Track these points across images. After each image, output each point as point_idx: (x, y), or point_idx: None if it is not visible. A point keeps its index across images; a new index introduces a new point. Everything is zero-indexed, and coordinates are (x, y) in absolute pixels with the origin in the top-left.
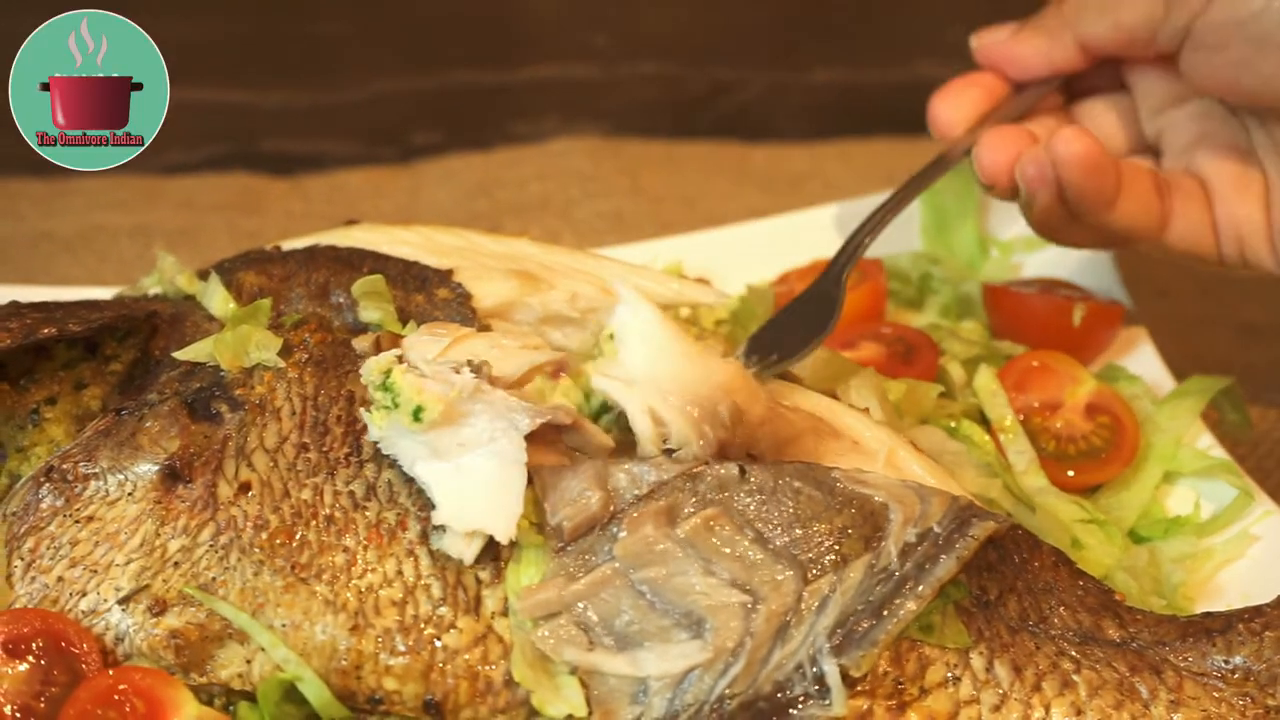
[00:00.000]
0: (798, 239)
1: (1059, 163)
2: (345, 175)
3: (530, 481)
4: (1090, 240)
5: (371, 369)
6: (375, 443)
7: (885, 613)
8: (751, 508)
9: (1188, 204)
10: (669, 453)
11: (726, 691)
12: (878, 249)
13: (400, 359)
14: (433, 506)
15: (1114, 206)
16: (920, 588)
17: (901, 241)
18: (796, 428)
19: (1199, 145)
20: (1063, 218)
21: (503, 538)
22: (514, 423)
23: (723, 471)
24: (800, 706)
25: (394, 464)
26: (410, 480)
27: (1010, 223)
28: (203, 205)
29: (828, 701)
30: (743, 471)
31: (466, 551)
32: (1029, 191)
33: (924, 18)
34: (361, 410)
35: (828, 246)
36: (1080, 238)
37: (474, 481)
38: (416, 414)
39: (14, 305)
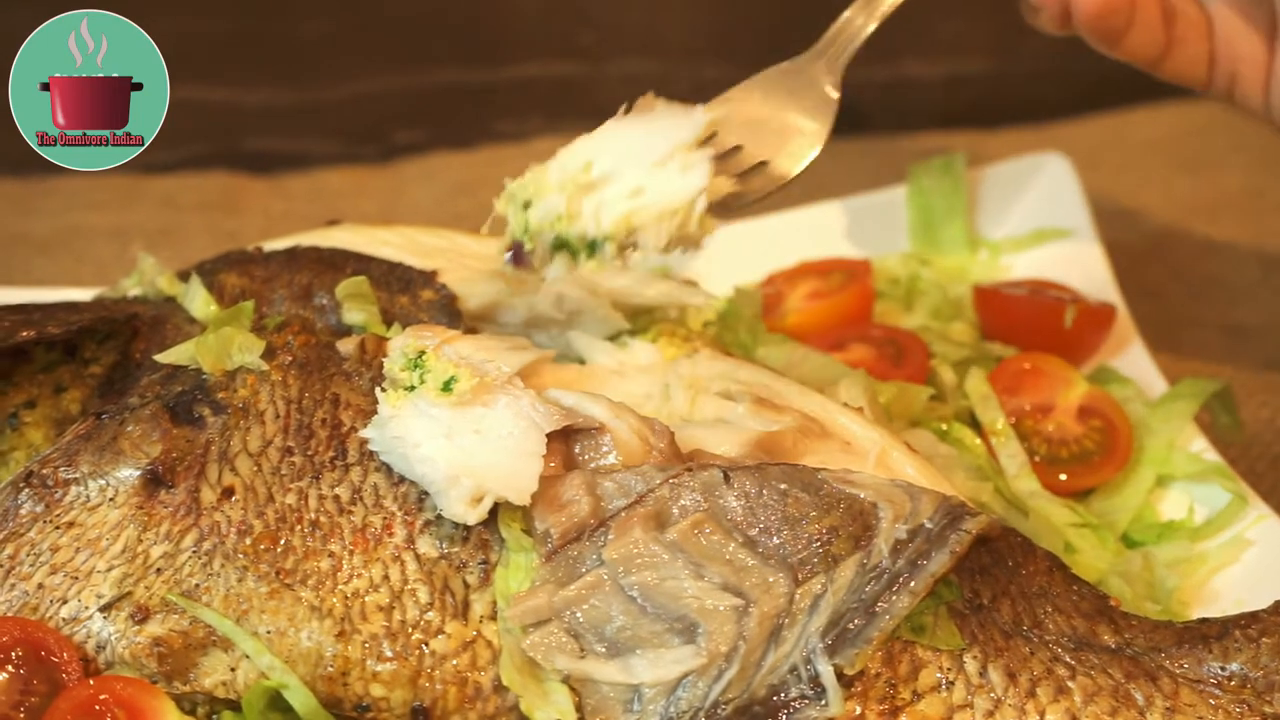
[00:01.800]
0: (785, 240)
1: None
2: (326, 174)
3: None
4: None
5: (406, 346)
6: (362, 444)
7: (878, 609)
8: (739, 511)
9: (1189, 34)
10: None
11: (721, 697)
12: (865, 250)
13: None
14: (420, 509)
15: (1120, 44)
16: (913, 583)
17: (889, 242)
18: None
19: None
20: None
21: (519, 499)
22: (537, 420)
23: (706, 476)
24: (795, 708)
25: (380, 467)
26: (397, 483)
27: (999, 223)
28: (182, 205)
29: (824, 702)
30: (726, 476)
31: (471, 514)
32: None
33: (912, 16)
34: (377, 390)
35: (815, 247)
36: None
37: (487, 454)
38: (447, 384)
39: None
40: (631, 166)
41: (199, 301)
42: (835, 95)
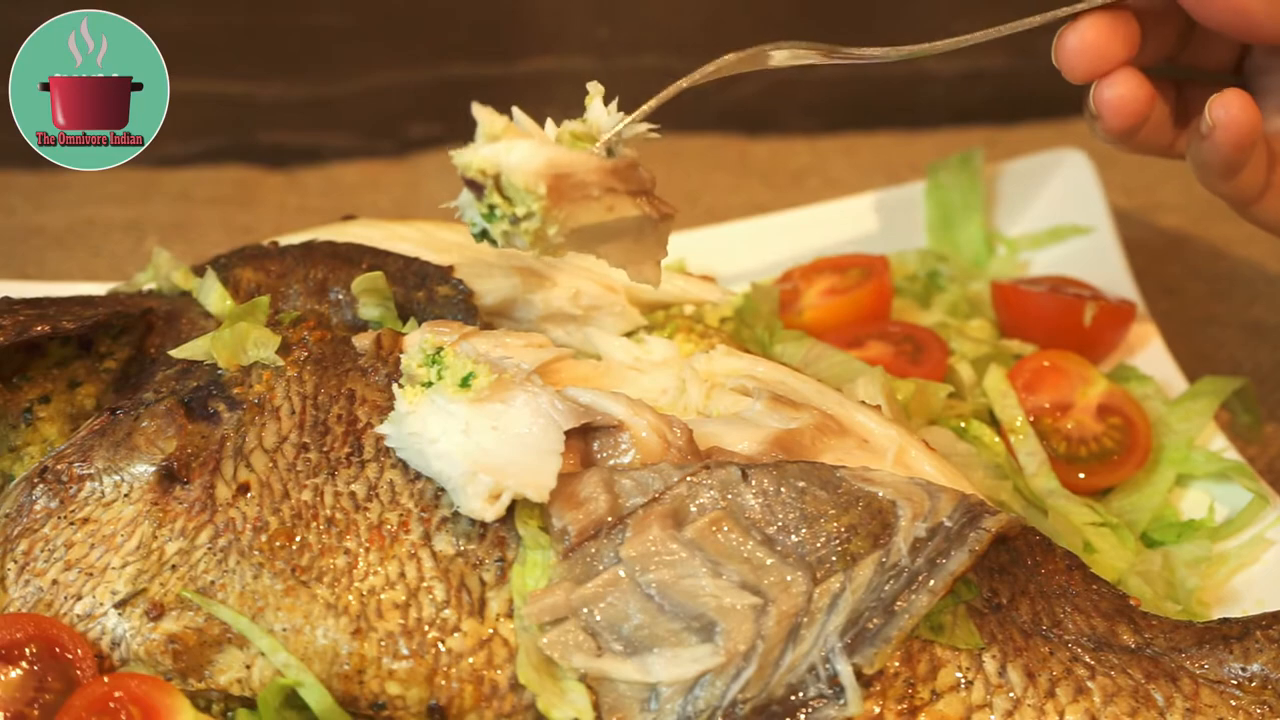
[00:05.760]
0: (802, 236)
1: (1217, 124)
2: (342, 168)
3: None
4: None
5: (424, 342)
6: (378, 441)
7: (897, 608)
8: (757, 509)
9: None
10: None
11: (739, 696)
12: (883, 246)
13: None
14: (436, 506)
15: (1237, 177)
16: (933, 582)
17: (907, 238)
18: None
19: None
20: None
21: (537, 496)
22: (555, 417)
23: (724, 474)
24: (814, 708)
25: (397, 464)
26: (413, 480)
27: (1017, 219)
28: (197, 198)
29: (843, 701)
30: (744, 474)
31: (489, 511)
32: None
33: (928, 11)
34: (394, 386)
35: (832, 243)
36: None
37: (505, 450)
38: (465, 380)
39: (6, 301)
40: None
41: (214, 296)
42: None
